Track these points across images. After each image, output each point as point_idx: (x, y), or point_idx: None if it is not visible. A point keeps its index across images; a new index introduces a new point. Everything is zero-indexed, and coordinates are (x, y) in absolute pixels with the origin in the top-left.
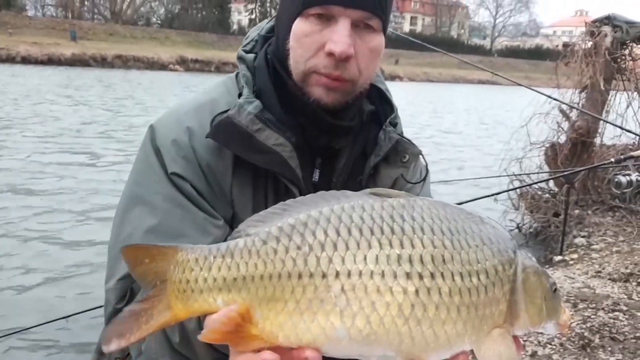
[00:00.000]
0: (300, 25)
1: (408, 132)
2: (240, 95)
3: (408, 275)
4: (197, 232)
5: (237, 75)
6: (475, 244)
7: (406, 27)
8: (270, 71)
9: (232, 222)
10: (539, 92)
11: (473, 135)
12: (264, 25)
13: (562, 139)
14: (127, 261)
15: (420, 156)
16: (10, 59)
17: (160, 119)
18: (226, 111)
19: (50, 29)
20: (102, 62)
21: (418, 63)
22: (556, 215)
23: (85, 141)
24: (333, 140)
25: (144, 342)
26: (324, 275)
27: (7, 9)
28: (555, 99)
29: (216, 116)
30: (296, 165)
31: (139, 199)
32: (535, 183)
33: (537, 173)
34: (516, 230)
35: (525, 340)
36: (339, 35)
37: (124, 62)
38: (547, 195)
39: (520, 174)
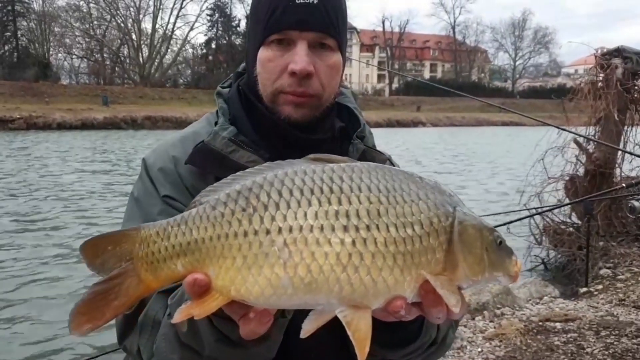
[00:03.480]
0: (264, 53)
1: (429, 174)
2: (216, 124)
3: (345, 228)
4: None
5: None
6: (410, 199)
7: (426, 74)
8: (243, 100)
9: None
10: (560, 128)
11: (494, 175)
12: (242, 65)
13: (581, 171)
14: (88, 254)
15: (389, 161)
16: (47, 126)
17: (150, 151)
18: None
19: (84, 95)
20: (133, 124)
21: (440, 108)
22: (580, 248)
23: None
24: (305, 154)
25: (155, 343)
26: (267, 232)
27: (44, 80)
28: (575, 133)
29: (197, 145)
30: None
31: (142, 219)
32: (550, 210)
33: (554, 206)
34: (541, 266)
35: None
36: (299, 56)
37: (153, 123)
38: (570, 228)
39: (538, 207)
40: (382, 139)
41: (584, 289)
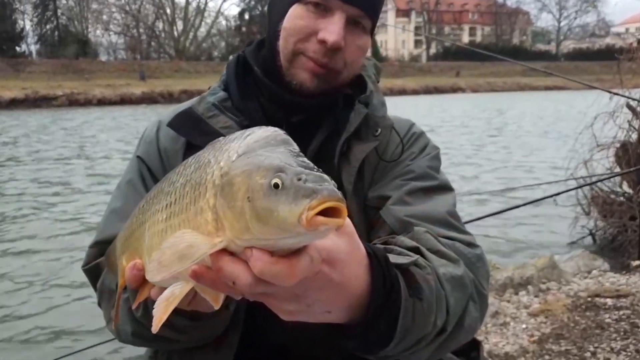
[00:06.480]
0: (297, 10)
1: (470, 142)
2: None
3: (167, 206)
4: None
5: None
6: (215, 164)
7: (465, 39)
8: (240, 65)
9: None
10: (611, 92)
11: (540, 142)
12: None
13: (634, 137)
14: (107, 263)
15: (393, 128)
16: (87, 102)
17: None
18: None
19: (122, 70)
20: (170, 98)
21: (481, 74)
22: (633, 219)
23: None
24: (290, 115)
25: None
26: (144, 223)
27: (84, 57)
28: (629, 97)
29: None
30: None
31: (118, 185)
32: (601, 180)
33: (605, 175)
34: (589, 238)
35: (596, 347)
36: (334, 26)
37: (190, 97)
38: (620, 198)
39: (587, 177)
40: (420, 107)
41: (637, 262)
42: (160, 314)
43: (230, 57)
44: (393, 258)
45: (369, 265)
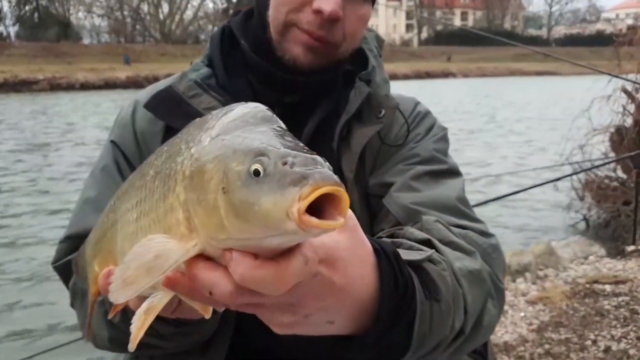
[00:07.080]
0: None
1: (463, 127)
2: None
3: (136, 204)
4: None
5: None
6: (186, 151)
7: (457, 23)
8: (225, 38)
9: None
10: (607, 74)
11: (533, 127)
12: None
13: (629, 122)
14: (76, 269)
15: (398, 109)
16: (70, 87)
17: None
18: None
19: (105, 54)
20: (155, 83)
21: (471, 58)
22: (626, 203)
23: None
24: (283, 95)
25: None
26: (116, 222)
27: (65, 39)
28: (624, 78)
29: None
30: None
31: (91, 172)
32: (596, 167)
33: (601, 160)
34: (583, 222)
35: (596, 335)
36: None
37: None
38: (614, 183)
39: (582, 162)
40: (412, 92)
41: (632, 247)
42: (137, 330)
43: (215, 29)
44: (404, 254)
45: (376, 264)
